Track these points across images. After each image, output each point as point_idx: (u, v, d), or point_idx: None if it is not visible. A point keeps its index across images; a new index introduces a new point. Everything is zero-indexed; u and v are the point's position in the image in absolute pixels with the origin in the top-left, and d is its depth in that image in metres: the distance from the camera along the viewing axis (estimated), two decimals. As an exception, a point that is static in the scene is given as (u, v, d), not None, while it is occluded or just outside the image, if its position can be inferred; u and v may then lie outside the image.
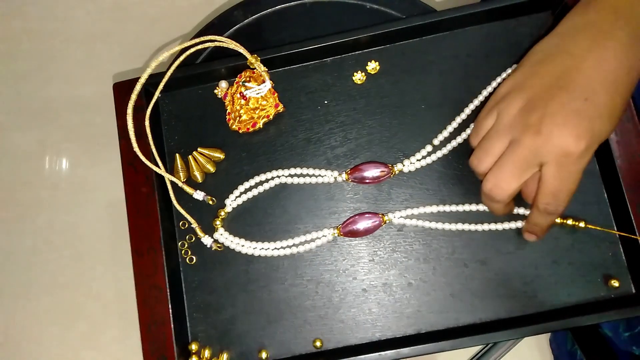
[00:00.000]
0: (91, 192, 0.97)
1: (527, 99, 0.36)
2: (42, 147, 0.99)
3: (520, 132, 0.36)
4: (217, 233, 0.46)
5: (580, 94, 0.35)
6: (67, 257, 0.95)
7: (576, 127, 0.34)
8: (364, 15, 0.53)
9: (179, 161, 0.47)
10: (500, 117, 0.38)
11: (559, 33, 0.39)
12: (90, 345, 0.94)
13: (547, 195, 0.36)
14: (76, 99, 0.99)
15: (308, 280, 0.45)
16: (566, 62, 0.36)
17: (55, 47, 1.01)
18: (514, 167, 0.36)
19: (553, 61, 0.37)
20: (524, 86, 0.37)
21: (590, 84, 0.35)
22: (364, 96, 0.47)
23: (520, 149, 0.36)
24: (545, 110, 0.35)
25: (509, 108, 0.37)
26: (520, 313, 0.43)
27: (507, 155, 0.36)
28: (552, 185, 0.36)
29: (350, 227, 0.45)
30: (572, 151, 0.34)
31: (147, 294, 0.45)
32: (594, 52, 0.36)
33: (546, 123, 0.35)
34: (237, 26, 0.54)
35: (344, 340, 0.44)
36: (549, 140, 0.35)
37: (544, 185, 0.36)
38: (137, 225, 0.46)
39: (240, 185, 0.47)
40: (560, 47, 0.37)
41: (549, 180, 0.36)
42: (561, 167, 0.35)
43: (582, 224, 0.43)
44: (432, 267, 0.45)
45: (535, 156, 0.35)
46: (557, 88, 0.36)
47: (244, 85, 0.47)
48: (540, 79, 0.37)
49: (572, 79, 0.35)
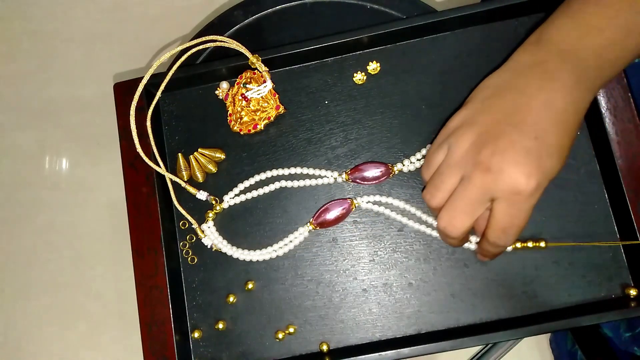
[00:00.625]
0: (91, 192, 0.97)
1: (477, 134, 0.37)
2: (42, 147, 0.99)
3: (471, 169, 0.36)
4: (205, 224, 0.46)
5: (530, 133, 0.35)
6: (67, 257, 0.96)
7: (526, 165, 0.34)
8: (364, 15, 0.53)
9: (182, 161, 0.47)
10: (450, 152, 0.38)
11: (509, 69, 0.39)
12: (90, 345, 0.94)
13: (497, 231, 0.37)
14: (76, 99, 0.99)
15: (308, 281, 0.45)
16: (516, 99, 0.37)
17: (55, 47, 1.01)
18: (465, 205, 0.36)
19: (504, 97, 0.37)
20: (475, 121, 0.37)
21: (539, 123, 0.35)
22: (365, 96, 0.47)
23: (471, 186, 0.36)
24: (495, 147, 0.35)
25: (460, 142, 0.37)
26: (521, 313, 0.43)
27: (459, 193, 0.37)
28: (502, 221, 0.36)
29: (322, 216, 0.45)
30: (522, 189, 0.34)
31: (147, 294, 0.45)
32: (544, 92, 0.36)
33: (496, 160, 0.35)
34: (238, 26, 0.54)
35: (344, 340, 0.44)
36: (500, 178, 0.35)
37: (494, 221, 0.36)
38: (137, 225, 0.46)
39: (240, 184, 0.47)
40: (511, 84, 0.38)
41: (499, 217, 0.36)
42: (512, 204, 0.35)
43: (543, 243, 0.43)
44: (432, 267, 0.45)
45: (485, 193, 0.36)
46: (507, 125, 0.36)
47: (245, 86, 0.47)
48: (491, 114, 0.37)
49: (523, 117, 0.36)
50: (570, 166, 0.45)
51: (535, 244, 0.43)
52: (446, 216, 0.37)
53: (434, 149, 0.40)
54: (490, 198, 0.36)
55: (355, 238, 0.46)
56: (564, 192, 0.44)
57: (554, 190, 0.44)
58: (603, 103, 0.44)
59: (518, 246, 0.43)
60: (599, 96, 0.44)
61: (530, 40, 0.39)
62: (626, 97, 0.44)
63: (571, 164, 0.45)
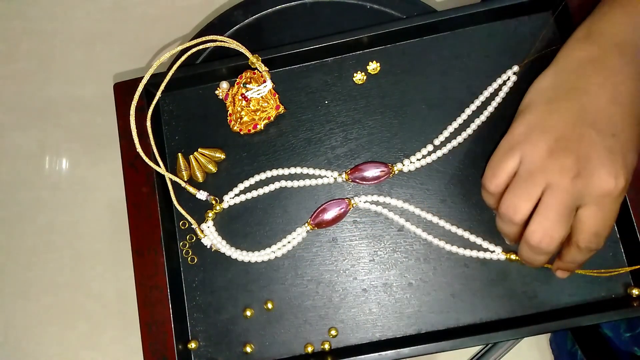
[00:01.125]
0: (91, 192, 0.97)
1: (554, 139, 0.35)
2: (42, 147, 0.99)
3: (558, 177, 0.35)
4: (204, 224, 0.46)
5: (607, 131, 0.35)
6: (67, 257, 0.95)
7: (613, 165, 0.34)
8: (364, 15, 0.53)
9: (182, 161, 0.47)
10: (526, 161, 0.36)
11: (563, 68, 0.38)
12: (90, 345, 0.94)
13: (590, 235, 0.35)
14: (76, 99, 0.99)
15: (308, 281, 0.45)
16: (583, 98, 0.36)
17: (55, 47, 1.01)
18: (558, 214, 0.35)
19: (569, 98, 0.36)
20: (546, 126, 0.36)
21: (612, 120, 0.35)
22: (365, 96, 0.47)
23: (563, 194, 0.34)
24: (578, 151, 0.34)
25: (536, 150, 0.36)
26: (521, 313, 0.43)
27: (549, 202, 0.35)
28: (594, 225, 0.35)
29: (320, 216, 0.45)
30: (612, 191, 0.34)
31: (147, 294, 0.45)
32: (608, 88, 0.35)
33: (583, 165, 0.34)
34: (238, 26, 0.54)
35: (344, 340, 0.44)
36: (590, 183, 0.34)
37: (585, 227, 0.35)
38: (137, 225, 0.46)
39: (240, 184, 0.47)
40: (571, 83, 0.37)
41: (591, 221, 0.35)
42: (602, 207, 0.35)
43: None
44: (432, 267, 0.45)
45: (576, 200, 0.35)
46: (583, 126, 0.35)
47: (245, 86, 0.47)
48: (561, 117, 0.36)
49: (595, 116, 0.35)
50: (570, 166, 0.45)
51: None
52: (540, 229, 0.35)
53: (501, 158, 0.37)
54: (579, 204, 0.35)
55: (355, 238, 0.46)
56: (564, 192, 0.44)
57: (554, 190, 0.44)
58: (603, 103, 0.44)
59: (512, 258, 0.43)
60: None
61: (578, 35, 0.38)
62: (626, 97, 0.44)
63: (571, 164, 0.45)
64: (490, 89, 0.45)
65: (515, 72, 0.45)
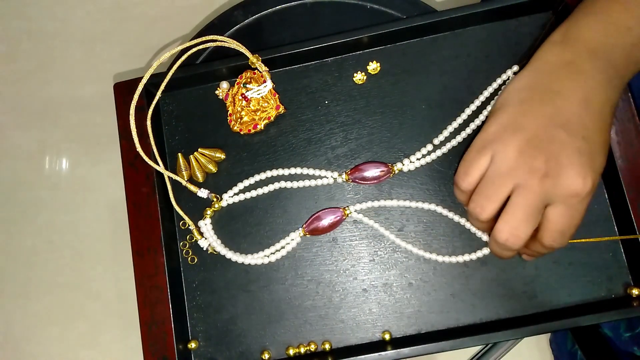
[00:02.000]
0: (91, 192, 0.97)
1: (525, 140, 0.36)
2: (42, 147, 0.99)
3: (527, 176, 0.35)
4: (202, 221, 0.46)
5: (578, 133, 0.35)
6: (67, 257, 0.95)
7: (582, 167, 0.35)
8: (364, 15, 0.53)
9: (182, 161, 0.47)
10: (497, 160, 0.36)
11: (538, 69, 0.38)
12: (90, 345, 0.94)
13: (555, 233, 0.36)
14: (76, 99, 0.99)
15: (308, 281, 0.45)
16: (556, 101, 0.36)
17: (55, 47, 1.01)
18: (525, 214, 0.35)
19: (541, 100, 0.37)
20: (517, 126, 0.36)
21: (583, 123, 0.36)
22: (365, 96, 0.47)
23: (530, 194, 0.35)
24: (549, 152, 0.35)
25: (507, 150, 0.36)
26: (521, 313, 0.43)
27: (517, 202, 0.35)
28: (560, 224, 0.36)
29: (315, 224, 0.45)
30: (580, 191, 0.34)
31: (147, 294, 0.45)
32: (580, 91, 0.36)
33: (552, 165, 0.35)
34: (238, 26, 0.54)
35: (344, 340, 0.44)
36: (558, 183, 0.35)
37: (550, 225, 0.36)
38: (137, 225, 0.46)
39: (240, 183, 0.47)
40: (545, 85, 0.37)
41: (557, 220, 0.36)
42: (569, 207, 0.35)
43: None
44: (432, 267, 0.45)
45: (544, 199, 0.35)
46: (554, 127, 0.35)
47: (245, 86, 0.47)
48: (534, 118, 0.36)
49: (567, 118, 0.36)
50: (570, 166, 0.45)
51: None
52: (507, 227, 0.36)
53: (474, 157, 0.38)
54: (546, 204, 0.35)
55: (355, 238, 0.46)
56: (564, 192, 0.44)
57: (554, 190, 0.44)
58: (603, 103, 0.44)
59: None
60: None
61: (554, 39, 0.39)
62: (626, 97, 0.44)
63: (571, 164, 0.45)
64: (490, 89, 0.45)
65: (515, 72, 0.45)
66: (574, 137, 0.35)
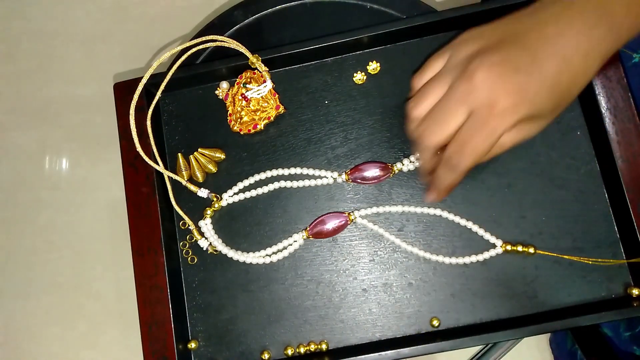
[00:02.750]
0: (91, 192, 0.97)
1: (479, 47, 0.35)
2: (42, 147, 0.99)
3: (458, 77, 0.34)
4: (202, 221, 0.46)
5: (528, 55, 0.33)
6: (67, 257, 0.95)
7: (510, 82, 0.33)
8: (364, 15, 0.53)
9: (182, 161, 0.47)
10: (448, 61, 0.36)
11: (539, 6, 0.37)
12: (90, 345, 0.94)
13: (455, 143, 0.35)
14: (76, 99, 0.99)
15: (308, 281, 0.45)
16: (530, 23, 0.35)
17: (55, 47, 1.01)
18: (443, 114, 0.35)
19: (519, 21, 0.36)
20: (482, 35, 0.36)
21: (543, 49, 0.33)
22: (365, 96, 0.47)
23: (451, 94, 0.34)
24: (489, 59, 0.33)
25: (459, 53, 0.36)
26: (521, 313, 0.43)
27: (440, 101, 0.35)
28: (464, 133, 0.34)
29: (318, 227, 0.45)
30: (495, 105, 0.33)
31: (147, 294, 0.45)
32: (560, 22, 0.34)
33: (482, 71, 0.33)
34: (238, 26, 0.54)
35: (344, 340, 0.44)
36: (478, 89, 0.33)
37: (457, 134, 0.35)
38: (137, 225, 0.46)
39: (240, 182, 0.47)
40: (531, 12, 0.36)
41: (464, 129, 0.34)
42: (480, 118, 0.33)
43: (532, 249, 0.43)
44: (432, 267, 0.45)
45: (463, 103, 0.34)
46: (510, 43, 0.34)
47: (245, 86, 0.47)
48: (499, 31, 0.35)
49: (527, 39, 0.34)
50: (570, 166, 0.45)
51: (525, 249, 0.43)
52: (424, 124, 0.36)
53: (435, 57, 0.38)
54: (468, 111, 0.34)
55: (355, 238, 0.46)
56: (564, 192, 0.44)
57: (554, 190, 0.44)
58: (603, 103, 0.44)
59: (508, 249, 0.43)
60: (599, 96, 0.44)
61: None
62: (626, 97, 0.44)
63: (571, 164, 0.45)
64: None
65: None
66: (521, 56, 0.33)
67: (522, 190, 0.45)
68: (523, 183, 0.45)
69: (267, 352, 0.44)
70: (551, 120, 0.36)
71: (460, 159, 0.35)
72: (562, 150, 0.45)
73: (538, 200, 0.44)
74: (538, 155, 0.45)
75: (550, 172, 0.45)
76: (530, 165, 0.45)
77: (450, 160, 0.36)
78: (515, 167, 0.45)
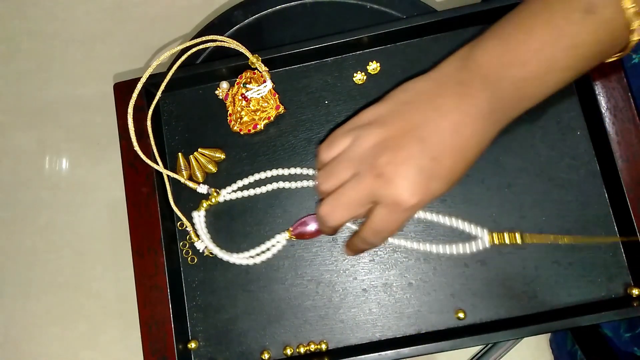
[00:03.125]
0: (91, 192, 0.97)
1: (383, 138, 0.37)
2: (42, 147, 0.99)
3: (366, 170, 0.37)
4: (195, 212, 0.46)
5: (430, 152, 0.36)
6: (67, 257, 0.96)
7: (414, 183, 0.35)
8: (364, 15, 0.53)
9: (182, 160, 0.47)
10: (354, 145, 0.38)
11: (433, 78, 0.39)
12: (90, 345, 0.94)
13: (370, 230, 0.38)
14: (76, 99, 0.99)
15: (308, 281, 0.45)
16: (429, 113, 0.37)
17: (55, 47, 1.01)
18: (349, 201, 0.37)
19: (419, 107, 0.37)
20: (385, 122, 0.38)
21: (441, 144, 0.36)
22: (365, 96, 0.47)
23: (360, 186, 0.37)
24: (394, 156, 0.36)
25: (366, 139, 0.38)
26: (521, 313, 0.43)
27: (348, 188, 0.37)
28: (376, 224, 0.37)
29: (301, 228, 0.45)
30: (402, 203, 0.36)
31: (147, 294, 0.45)
32: (456, 113, 0.36)
33: (389, 170, 0.36)
34: (238, 26, 0.54)
35: (344, 340, 0.44)
36: (386, 187, 0.36)
37: (370, 221, 0.38)
38: (137, 225, 0.46)
39: (239, 180, 0.46)
40: (430, 95, 0.38)
41: (376, 219, 0.37)
42: (390, 212, 0.36)
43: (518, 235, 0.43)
44: (432, 267, 0.45)
45: (370, 196, 0.37)
46: (412, 137, 0.36)
47: (245, 86, 0.47)
48: (403, 121, 0.37)
49: (429, 134, 0.36)
50: (570, 166, 0.45)
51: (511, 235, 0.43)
52: (329, 205, 0.38)
53: (341, 134, 0.40)
54: (374, 201, 0.37)
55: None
56: (564, 192, 0.44)
57: (554, 190, 0.44)
58: (603, 103, 0.44)
59: (496, 242, 0.43)
60: (599, 96, 0.44)
61: (460, 53, 0.39)
62: (626, 97, 0.44)
63: (571, 164, 0.45)
64: (490, 89, 0.45)
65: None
66: (424, 154, 0.36)
67: (522, 190, 0.45)
68: (523, 183, 0.45)
69: (267, 352, 0.44)
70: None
71: (376, 241, 0.39)
72: (562, 150, 0.45)
73: (538, 200, 0.44)
74: (538, 155, 0.45)
75: (550, 172, 0.45)
76: (530, 165, 0.45)
77: (366, 240, 0.39)
78: (515, 167, 0.45)
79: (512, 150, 0.45)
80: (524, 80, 0.36)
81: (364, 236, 0.39)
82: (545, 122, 0.45)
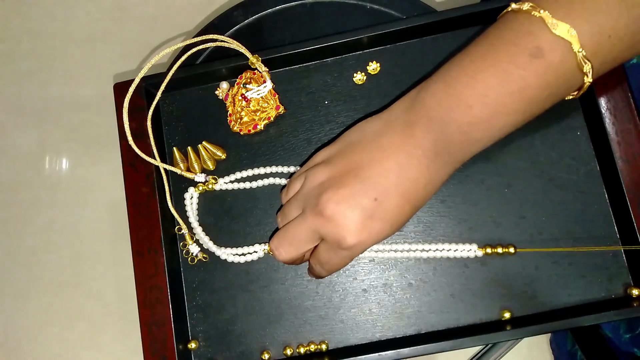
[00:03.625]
0: (91, 192, 0.97)
1: (328, 177, 0.38)
2: (42, 147, 0.99)
3: (309, 208, 0.37)
4: (187, 193, 0.46)
5: (372, 192, 0.36)
6: (67, 257, 0.96)
7: (355, 223, 0.35)
8: (364, 15, 0.53)
9: (177, 154, 0.47)
10: (304, 185, 0.39)
11: (383, 119, 0.39)
12: (90, 345, 0.94)
13: (317, 261, 0.40)
14: (76, 99, 0.99)
15: (308, 281, 0.45)
16: (375, 154, 0.37)
17: (55, 47, 1.01)
18: (293, 238, 0.39)
19: (365, 147, 0.37)
20: (332, 162, 0.38)
21: (385, 185, 0.36)
22: (365, 96, 0.47)
23: (303, 224, 0.38)
24: (335, 195, 0.36)
25: (313, 178, 0.38)
26: (521, 313, 0.43)
27: (292, 225, 0.39)
28: (322, 257, 0.39)
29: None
30: (342, 242, 0.36)
31: (147, 294, 0.45)
32: (400, 155, 0.36)
33: (331, 208, 0.36)
34: (238, 26, 0.54)
35: (344, 341, 0.44)
36: (327, 225, 0.36)
37: (317, 253, 0.39)
38: (137, 225, 0.46)
39: (238, 172, 0.46)
40: (376, 135, 0.38)
41: (320, 252, 0.39)
42: (331, 249, 0.37)
43: (512, 249, 0.43)
44: (432, 267, 0.45)
45: (314, 233, 0.37)
46: (355, 176, 0.36)
47: (245, 87, 0.47)
48: (347, 161, 0.38)
49: (372, 174, 0.36)
50: (570, 166, 0.45)
51: (505, 249, 0.43)
52: (276, 241, 0.40)
53: (296, 176, 0.41)
54: (319, 237, 0.38)
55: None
56: (564, 192, 0.44)
57: (554, 190, 0.44)
58: (603, 103, 0.44)
59: (489, 252, 0.43)
60: (599, 96, 0.44)
61: (410, 95, 0.38)
62: (626, 97, 0.44)
63: (571, 164, 0.45)
64: (490, 89, 0.45)
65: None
66: (366, 194, 0.36)
67: (522, 190, 0.45)
68: (523, 183, 0.45)
69: (267, 352, 0.44)
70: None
71: (322, 272, 0.41)
72: (562, 150, 0.45)
73: (538, 200, 0.44)
74: (538, 155, 0.45)
75: (550, 172, 0.45)
76: (530, 165, 0.45)
77: (314, 269, 0.41)
78: (515, 167, 0.45)
79: (512, 150, 0.45)
80: (470, 125, 0.35)
81: (312, 264, 0.41)
82: (545, 122, 0.45)
